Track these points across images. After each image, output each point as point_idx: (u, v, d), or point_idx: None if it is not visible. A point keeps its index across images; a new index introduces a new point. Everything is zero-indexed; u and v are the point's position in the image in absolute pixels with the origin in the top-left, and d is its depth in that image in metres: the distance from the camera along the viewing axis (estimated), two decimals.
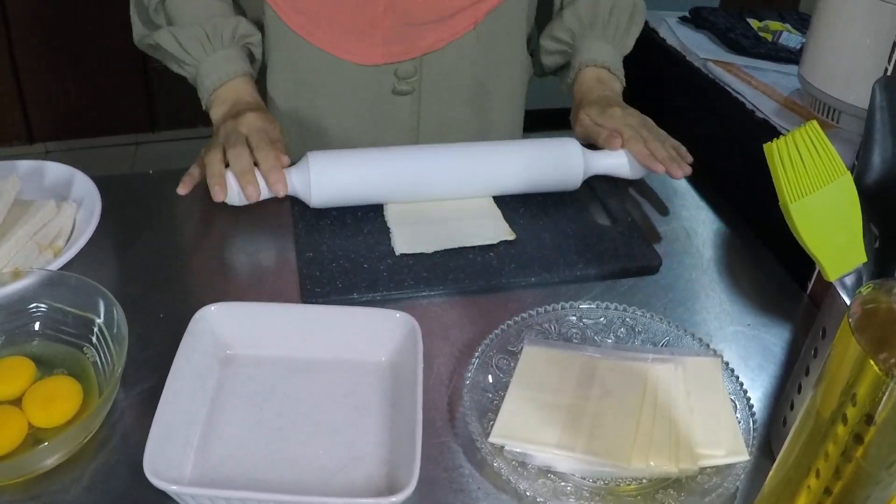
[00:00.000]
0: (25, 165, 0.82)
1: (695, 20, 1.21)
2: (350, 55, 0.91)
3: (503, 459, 0.56)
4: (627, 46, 0.99)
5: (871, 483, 0.42)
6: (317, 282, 0.72)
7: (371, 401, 0.61)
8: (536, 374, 0.62)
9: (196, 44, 0.88)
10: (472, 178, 0.83)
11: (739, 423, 0.59)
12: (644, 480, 0.56)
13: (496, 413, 0.59)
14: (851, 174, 0.53)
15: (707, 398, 0.60)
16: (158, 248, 0.77)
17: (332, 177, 0.79)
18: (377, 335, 0.64)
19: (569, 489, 0.55)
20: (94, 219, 0.75)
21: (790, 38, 1.13)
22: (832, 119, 0.88)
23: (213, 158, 0.78)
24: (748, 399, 0.61)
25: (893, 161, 0.56)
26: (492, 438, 0.57)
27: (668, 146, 0.86)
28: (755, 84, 1.00)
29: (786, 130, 0.85)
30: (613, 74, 0.96)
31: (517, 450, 0.57)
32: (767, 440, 0.61)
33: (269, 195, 0.78)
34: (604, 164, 0.86)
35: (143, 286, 0.72)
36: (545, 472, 0.56)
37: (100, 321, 0.62)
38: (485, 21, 0.92)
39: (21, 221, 0.72)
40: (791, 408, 0.58)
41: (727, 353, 0.67)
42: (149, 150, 2.67)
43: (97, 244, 0.74)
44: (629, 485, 0.56)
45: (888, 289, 0.41)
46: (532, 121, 1.01)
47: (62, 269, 0.69)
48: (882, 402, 0.39)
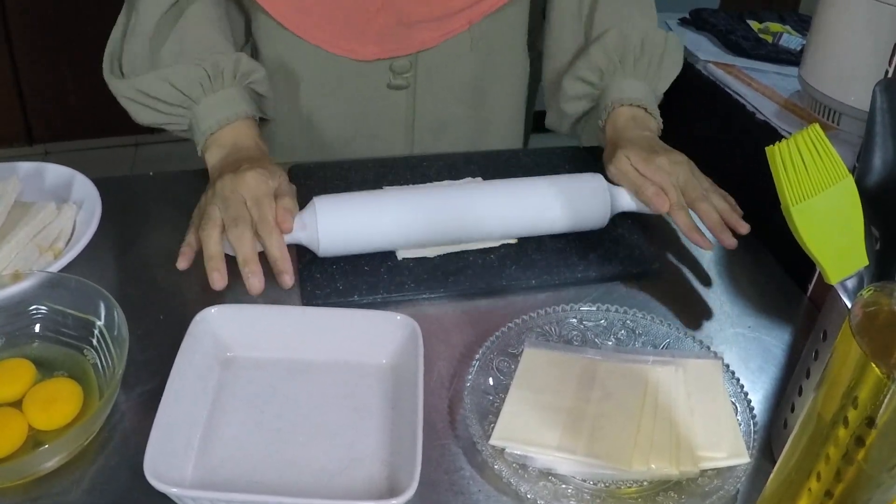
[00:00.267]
0: (25, 167, 0.82)
1: (695, 22, 1.21)
2: (345, 52, 0.91)
3: (504, 462, 0.56)
4: (662, 86, 0.91)
5: (873, 486, 0.42)
6: (317, 284, 0.72)
7: (372, 403, 0.61)
8: (537, 377, 0.62)
9: (194, 85, 0.79)
10: (490, 229, 0.77)
11: (740, 426, 0.59)
12: (645, 483, 0.56)
13: (497, 415, 0.59)
14: (852, 176, 0.53)
15: (708, 400, 0.60)
16: (159, 250, 0.77)
17: (341, 231, 0.73)
18: (378, 337, 0.64)
19: (569, 491, 0.55)
20: (95, 221, 0.75)
21: (790, 40, 1.13)
22: (832, 121, 0.88)
23: (210, 237, 0.70)
24: (749, 401, 0.61)
25: (894, 163, 0.56)
26: (492, 441, 0.57)
27: (718, 199, 0.78)
28: (755, 86, 1.00)
29: (786, 132, 0.85)
30: (650, 114, 0.87)
31: (518, 452, 0.57)
32: (768, 442, 0.61)
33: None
34: (632, 203, 0.80)
35: (144, 288, 0.73)
36: (546, 475, 0.56)
37: (100, 323, 0.62)
38: (480, 22, 0.92)
39: (21, 223, 0.71)
40: (792, 410, 0.58)
41: (728, 355, 0.67)
42: (149, 152, 2.67)
43: (97, 246, 0.74)
44: (630, 487, 0.56)
45: (889, 291, 0.41)
46: (542, 122, 0.99)
47: (62, 271, 0.69)
48: (883, 405, 0.39)
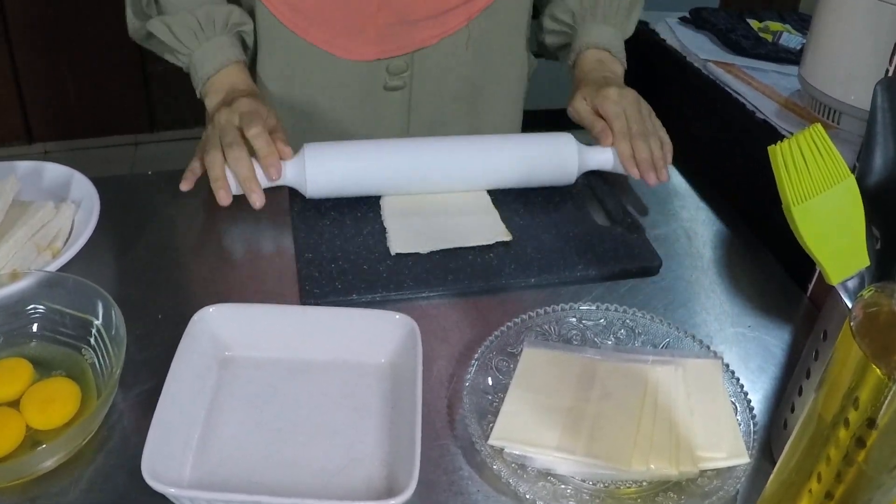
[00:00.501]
0: (24, 166, 0.82)
1: (695, 21, 1.21)
2: (344, 52, 0.91)
3: (503, 462, 0.56)
4: (629, 29, 0.98)
5: (873, 487, 0.42)
6: (316, 283, 0.72)
7: (370, 402, 0.61)
8: (536, 376, 0.62)
9: (188, 32, 0.87)
10: (467, 170, 0.84)
11: (740, 426, 0.59)
12: (644, 483, 0.56)
13: (496, 415, 0.59)
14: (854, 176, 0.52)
15: (707, 400, 0.60)
16: (157, 250, 0.77)
17: (328, 167, 0.80)
18: (376, 337, 0.64)
19: (568, 492, 0.55)
20: (93, 220, 0.75)
21: (790, 39, 1.13)
22: (832, 120, 0.87)
23: (214, 160, 0.78)
24: (749, 401, 0.60)
25: (895, 163, 0.56)
26: (491, 441, 0.57)
27: (655, 142, 0.84)
28: (755, 85, 1.00)
29: (786, 131, 0.85)
30: (615, 57, 0.95)
31: (517, 452, 0.56)
32: (768, 442, 0.61)
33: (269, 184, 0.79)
34: (595, 160, 0.86)
35: (142, 287, 0.72)
36: (545, 475, 0.56)
37: (98, 323, 0.62)
38: (478, 18, 0.92)
39: (20, 222, 0.71)
40: (792, 410, 0.58)
41: (727, 355, 0.67)
42: (148, 151, 2.67)
43: (96, 245, 0.74)
44: (629, 487, 0.55)
45: (890, 292, 0.41)
46: (532, 121, 1.00)
47: (60, 271, 0.69)
48: (884, 406, 0.39)
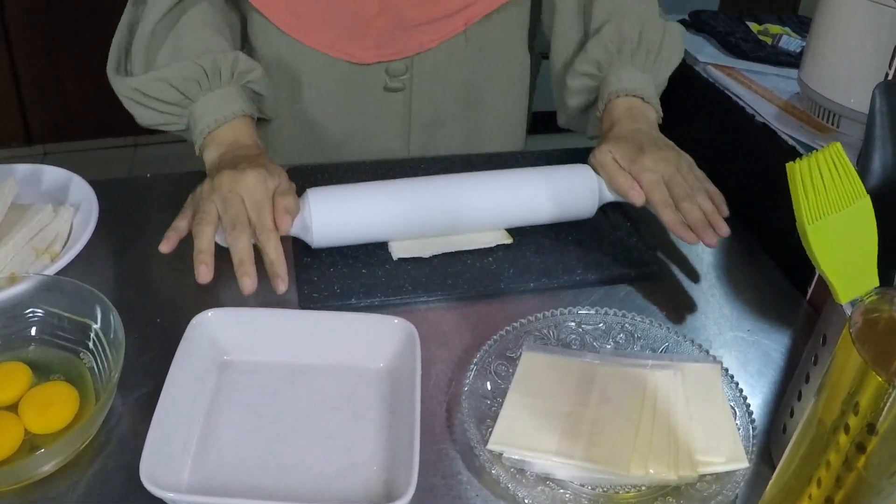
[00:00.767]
0: (23, 169, 0.82)
1: (694, 24, 1.21)
2: (343, 55, 0.91)
3: (501, 466, 0.56)
4: (662, 74, 0.89)
5: (873, 493, 0.42)
6: (315, 287, 0.72)
7: (369, 407, 0.61)
8: (535, 381, 0.62)
9: (191, 82, 0.79)
10: (482, 221, 0.78)
11: (739, 430, 0.59)
12: (643, 488, 0.55)
13: (495, 420, 0.59)
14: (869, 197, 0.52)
15: (706, 405, 0.60)
16: (156, 253, 0.76)
17: (334, 222, 0.74)
18: (375, 341, 0.64)
19: (567, 496, 0.55)
20: (91, 223, 0.75)
21: (790, 42, 1.13)
22: (832, 123, 0.87)
23: (204, 233, 0.69)
24: (748, 406, 0.60)
25: (894, 166, 0.56)
26: (490, 445, 0.57)
27: (704, 198, 0.76)
28: (755, 88, 1.00)
29: (786, 135, 0.84)
30: (647, 103, 0.85)
31: (516, 457, 0.56)
32: (767, 447, 0.61)
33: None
34: (615, 194, 0.81)
35: (141, 291, 0.72)
36: (544, 480, 0.56)
37: (96, 326, 0.62)
38: (477, 23, 0.92)
39: (18, 226, 0.71)
40: (791, 415, 0.58)
41: (727, 360, 0.67)
42: (148, 153, 2.67)
43: (94, 249, 0.74)
44: (628, 492, 0.55)
45: (890, 298, 0.41)
46: (540, 123, 0.98)
47: (59, 274, 0.69)
48: (884, 412, 0.39)
